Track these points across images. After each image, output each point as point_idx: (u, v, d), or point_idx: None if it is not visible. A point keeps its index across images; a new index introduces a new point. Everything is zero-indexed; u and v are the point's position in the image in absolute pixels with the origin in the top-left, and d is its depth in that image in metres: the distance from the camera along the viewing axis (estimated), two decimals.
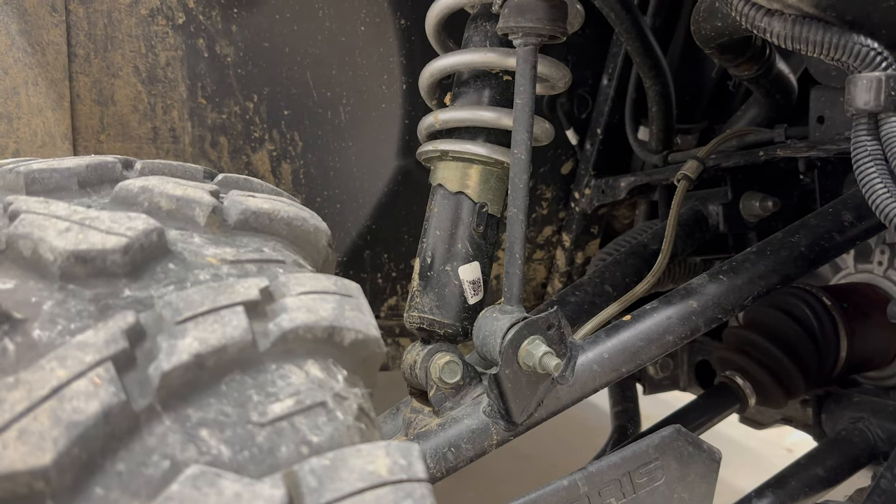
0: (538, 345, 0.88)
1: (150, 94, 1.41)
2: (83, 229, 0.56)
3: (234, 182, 0.77)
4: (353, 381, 0.60)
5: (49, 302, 0.52)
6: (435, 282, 1.00)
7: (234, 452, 0.49)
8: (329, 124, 1.51)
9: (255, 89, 1.45)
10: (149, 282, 0.56)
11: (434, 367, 0.95)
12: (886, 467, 1.05)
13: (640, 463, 0.89)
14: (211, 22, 1.39)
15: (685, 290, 1.02)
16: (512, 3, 0.92)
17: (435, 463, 0.91)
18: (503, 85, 1.03)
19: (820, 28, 0.79)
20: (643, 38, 1.34)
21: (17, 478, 0.44)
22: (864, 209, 1.11)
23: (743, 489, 1.24)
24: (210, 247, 0.62)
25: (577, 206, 1.69)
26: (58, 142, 1.37)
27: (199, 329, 0.52)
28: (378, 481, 0.50)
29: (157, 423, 0.49)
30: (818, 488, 1.21)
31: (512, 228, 0.93)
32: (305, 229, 0.72)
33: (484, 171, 1.02)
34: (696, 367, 1.70)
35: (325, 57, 1.45)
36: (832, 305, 1.35)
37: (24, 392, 0.46)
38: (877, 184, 0.79)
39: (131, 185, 0.65)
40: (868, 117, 0.80)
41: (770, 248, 1.08)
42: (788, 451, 2.90)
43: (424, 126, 1.08)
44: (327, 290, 0.62)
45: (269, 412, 0.52)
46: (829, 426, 1.38)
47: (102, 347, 0.49)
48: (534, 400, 0.91)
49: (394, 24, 1.41)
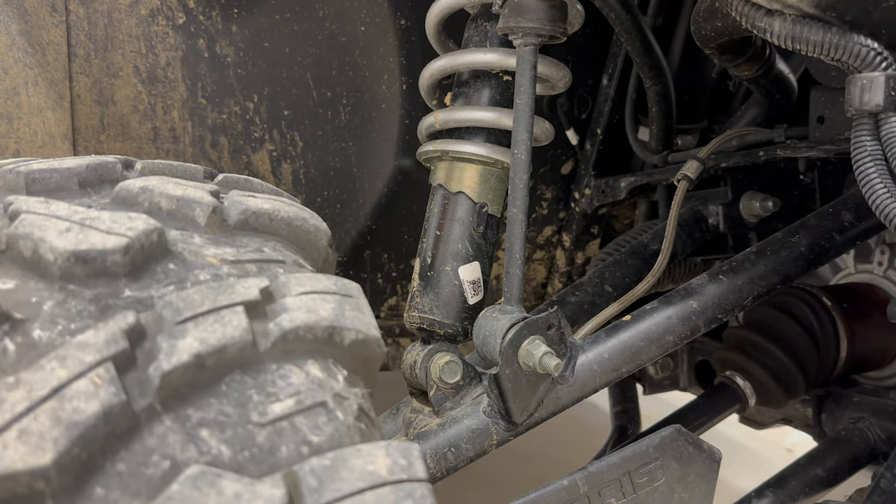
0: (538, 345, 0.88)
1: (150, 95, 1.41)
2: (83, 229, 0.56)
3: (235, 182, 0.77)
4: (353, 381, 0.60)
5: (49, 302, 0.52)
6: (435, 282, 1.00)
7: (234, 452, 0.49)
8: (329, 124, 1.51)
9: (255, 89, 1.45)
10: (149, 282, 0.56)
11: (434, 367, 0.95)
12: (886, 467, 1.05)
13: (640, 463, 0.89)
14: (211, 22, 1.39)
15: (685, 290, 1.02)
16: (512, 4, 0.92)
17: (435, 463, 0.91)
18: (503, 85, 1.03)
19: (820, 28, 0.79)
20: (643, 38, 1.34)
21: (17, 478, 0.44)
22: (864, 209, 1.11)
23: (743, 489, 1.24)
24: (210, 247, 0.62)
25: (577, 206, 1.69)
26: (58, 142, 1.37)
27: (200, 329, 0.52)
28: (378, 481, 0.50)
29: (157, 423, 0.49)
30: (818, 488, 1.21)
31: (512, 228, 0.93)
32: (306, 229, 0.72)
33: (484, 171, 1.02)
34: (696, 367, 1.70)
35: (325, 57, 1.45)
36: (832, 305, 1.35)
37: (25, 392, 0.46)
38: (877, 184, 0.79)
39: (131, 185, 0.65)
40: (868, 117, 0.80)
41: (770, 248, 1.08)
42: (788, 451, 2.90)
43: (424, 126, 1.08)
44: (327, 291, 0.62)
45: (270, 412, 0.52)
46: (829, 426, 1.38)
47: (103, 347, 0.49)
48: (534, 400, 0.91)
49: (394, 24, 1.41)
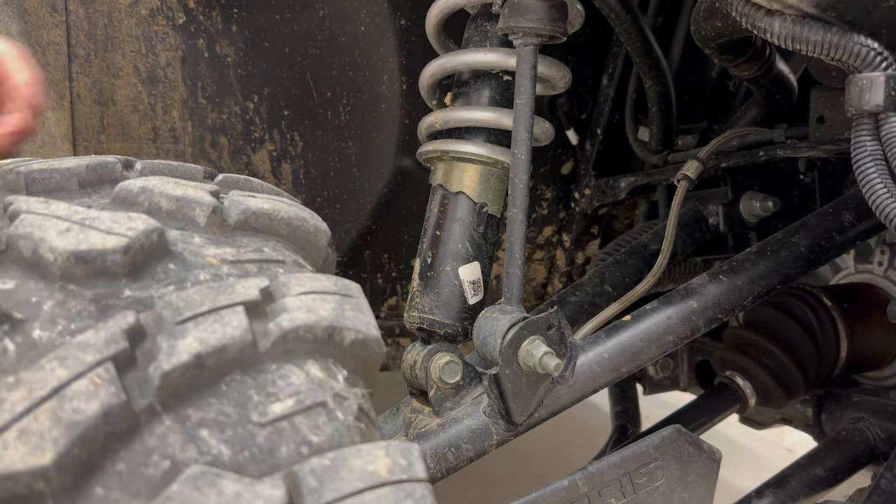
0: (538, 345, 0.88)
1: (150, 95, 1.41)
2: (83, 229, 0.56)
3: (235, 182, 0.77)
4: (353, 381, 0.60)
5: (49, 302, 0.52)
6: (435, 282, 1.00)
7: (234, 452, 0.49)
8: (329, 124, 1.51)
9: (255, 89, 1.45)
10: (149, 282, 0.56)
11: (434, 367, 0.95)
12: (886, 467, 1.05)
13: (640, 463, 0.89)
14: (211, 22, 1.39)
15: (685, 290, 1.02)
16: (512, 3, 0.92)
17: (435, 463, 0.91)
18: (503, 85, 1.03)
19: (820, 28, 0.79)
20: (643, 38, 1.34)
21: (17, 478, 0.44)
22: (864, 209, 1.11)
23: (743, 489, 1.24)
24: (210, 247, 0.62)
25: (577, 206, 1.69)
26: (58, 142, 1.37)
27: (200, 329, 0.52)
28: (378, 481, 0.50)
29: (157, 423, 0.49)
30: (818, 488, 1.21)
31: (512, 228, 0.93)
32: (306, 229, 0.72)
33: (484, 171, 1.02)
34: (696, 367, 1.70)
35: (325, 57, 1.45)
36: (832, 305, 1.35)
37: (25, 392, 0.46)
38: (877, 184, 0.79)
39: (131, 185, 0.65)
40: (868, 117, 0.80)
41: (770, 248, 1.08)
42: (788, 451, 2.90)
43: (424, 126, 1.08)
44: (327, 291, 0.62)
45: (270, 412, 0.52)
46: (829, 426, 1.38)
47: (103, 347, 0.49)
48: (534, 400, 0.91)
49: (394, 24, 1.41)
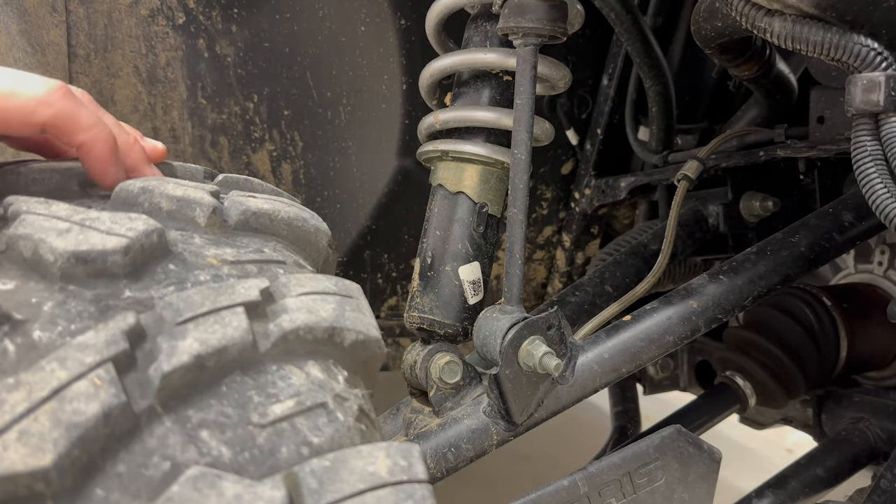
0: (538, 345, 0.88)
1: (150, 95, 1.41)
2: (84, 230, 0.56)
3: (235, 182, 0.77)
4: (353, 381, 0.60)
5: (49, 303, 0.52)
6: (435, 282, 1.00)
7: (234, 454, 0.49)
8: (329, 124, 1.51)
9: (255, 89, 1.45)
10: (149, 282, 0.56)
11: (434, 367, 0.95)
12: (886, 467, 1.05)
13: (640, 463, 0.89)
14: (211, 22, 1.39)
15: (685, 291, 1.02)
16: (512, 4, 0.92)
17: (435, 463, 0.90)
18: (503, 85, 1.03)
19: (820, 28, 0.79)
20: (643, 38, 1.34)
21: (17, 479, 0.44)
22: (864, 209, 1.11)
23: (743, 489, 1.24)
24: (210, 247, 0.62)
25: (577, 206, 1.69)
26: None
27: (200, 330, 0.52)
28: (379, 482, 0.50)
29: (157, 424, 0.49)
30: (818, 488, 1.21)
31: (512, 228, 0.93)
32: (306, 230, 0.72)
33: (484, 172, 1.01)
34: (696, 367, 1.70)
35: (325, 57, 1.45)
36: (832, 305, 1.35)
37: (25, 393, 0.46)
38: (877, 184, 0.79)
39: (131, 185, 0.65)
40: (868, 117, 0.80)
41: (770, 248, 1.08)
42: (788, 451, 2.90)
43: (424, 126, 1.07)
44: (328, 291, 0.61)
45: (270, 413, 0.52)
46: (830, 426, 1.38)
47: (103, 348, 0.49)
48: (534, 400, 0.91)
49: (394, 24, 1.41)
